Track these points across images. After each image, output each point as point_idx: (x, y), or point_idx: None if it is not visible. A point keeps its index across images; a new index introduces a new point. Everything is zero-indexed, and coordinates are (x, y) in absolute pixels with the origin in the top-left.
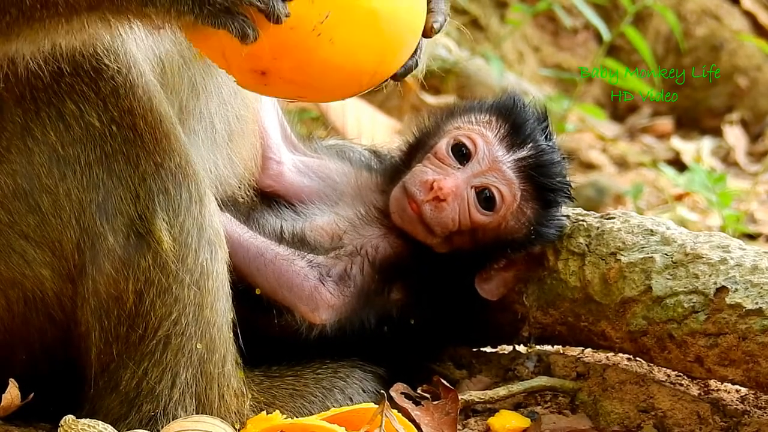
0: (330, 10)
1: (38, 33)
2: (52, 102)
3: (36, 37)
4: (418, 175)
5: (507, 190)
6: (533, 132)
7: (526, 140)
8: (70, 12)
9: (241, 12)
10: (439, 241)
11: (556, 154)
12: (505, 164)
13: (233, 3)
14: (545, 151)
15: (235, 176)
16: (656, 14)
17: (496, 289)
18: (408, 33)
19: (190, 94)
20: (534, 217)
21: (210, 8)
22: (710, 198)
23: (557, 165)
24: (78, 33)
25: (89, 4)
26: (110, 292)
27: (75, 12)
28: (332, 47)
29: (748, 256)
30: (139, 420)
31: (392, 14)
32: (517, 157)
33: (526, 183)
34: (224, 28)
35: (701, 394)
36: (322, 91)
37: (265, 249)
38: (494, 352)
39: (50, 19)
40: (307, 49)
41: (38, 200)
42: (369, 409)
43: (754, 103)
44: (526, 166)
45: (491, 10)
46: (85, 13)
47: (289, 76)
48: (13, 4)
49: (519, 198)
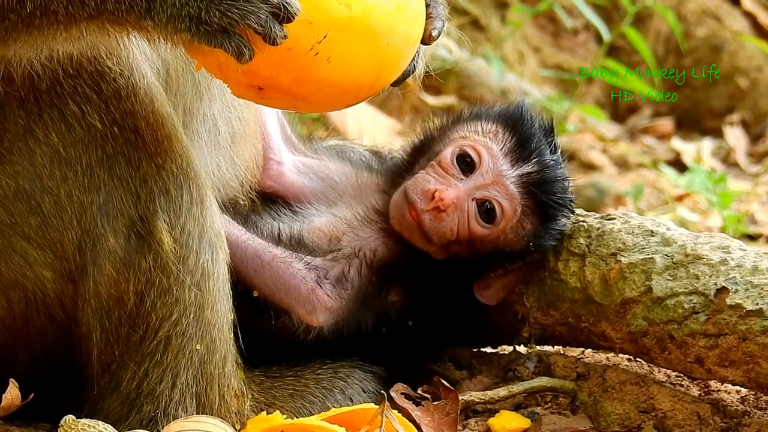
0: (328, 30)
1: (37, 39)
2: (54, 104)
3: (34, 43)
4: (421, 182)
5: (508, 204)
6: (539, 146)
7: (531, 155)
8: (69, 21)
9: (238, 32)
10: (437, 248)
11: (560, 170)
12: (509, 179)
13: (230, 24)
14: (549, 166)
15: (236, 178)
16: (656, 15)
17: (496, 294)
18: (406, 46)
19: (194, 97)
20: (533, 232)
21: (207, 28)
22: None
23: (560, 181)
24: (77, 41)
25: (89, 14)
26: (111, 293)
27: (74, 21)
28: (329, 65)
29: (748, 257)
30: (140, 420)
31: (390, 30)
32: (521, 173)
33: (528, 198)
34: (220, 47)
35: (701, 394)
36: (318, 104)
37: (263, 251)
38: (494, 352)
39: (49, 27)
40: (304, 68)
41: (40, 201)
42: (369, 410)
43: (755, 103)
44: (530, 182)
45: (492, 10)
46: (85, 22)
47: (286, 91)
48: (12, 10)
49: (519, 213)
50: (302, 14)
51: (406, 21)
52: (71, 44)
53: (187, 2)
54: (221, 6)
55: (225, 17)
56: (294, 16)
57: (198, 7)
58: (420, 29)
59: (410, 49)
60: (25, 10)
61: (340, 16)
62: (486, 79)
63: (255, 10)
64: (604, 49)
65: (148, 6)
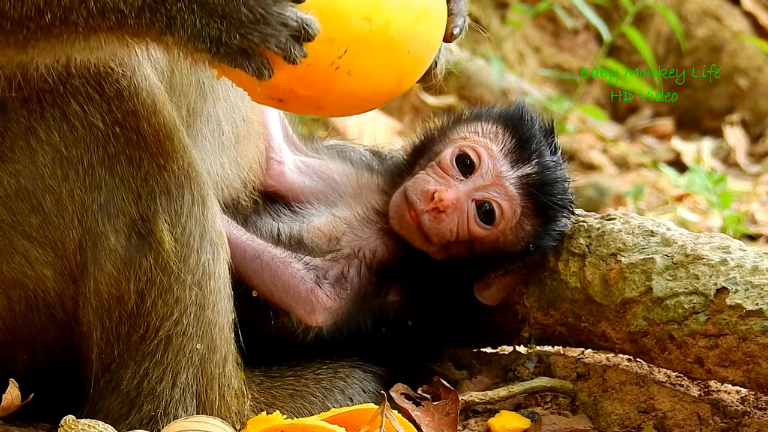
0: (348, 45)
1: (55, 47)
2: (56, 103)
3: (53, 50)
4: (420, 183)
5: (508, 205)
6: (539, 148)
7: (531, 156)
8: (89, 31)
9: (258, 53)
10: (436, 249)
11: (561, 171)
12: (509, 180)
13: (250, 46)
14: (549, 168)
15: (239, 178)
16: (657, 15)
17: (496, 295)
18: (427, 51)
19: (198, 97)
20: (533, 233)
21: (227, 49)
22: (711, 199)
23: (560, 183)
24: (95, 51)
25: (109, 26)
26: (112, 292)
27: (94, 31)
28: (350, 79)
29: (748, 257)
30: (140, 420)
31: (411, 40)
32: (520, 174)
33: (528, 200)
34: (240, 68)
35: (701, 395)
36: (336, 112)
37: (262, 251)
38: (494, 352)
39: (68, 36)
40: (324, 82)
41: (41, 200)
42: (369, 410)
43: (755, 103)
44: (529, 183)
45: (492, 10)
46: (104, 33)
47: (306, 102)
48: (30, 19)
49: (519, 214)
50: (322, 32)
51: (426, 28)
52: (90, 53)
53: (208, 23)
54: (242, 30)
55: (245, 40)
56: (314, 36)
57: (218, 29)
58: (441, 31)
59: (431, 53)
60: (44, 20)
61: (361, 30)
62: (486, 79)
63: (275, 33)
64: (604, 49)
65: (168, 23)
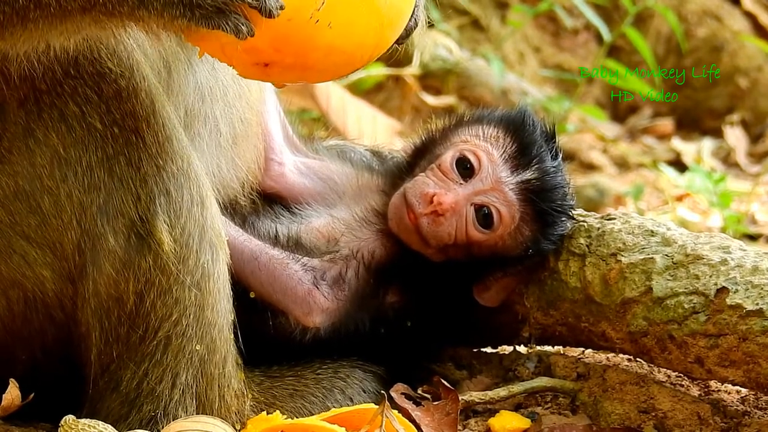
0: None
1: (32, 33)
2: (54, 104)
3: (30, 36)
4: (420, 185)
5: (506, 211)
6: (540, 153)
7: (532, 162)
8: (63, 13)
9: (234, 10)
10: (434, 251)
11: (561, 177)
12: (508, 186)
13: (225, 3)
14: (549, 174)
15: (237, 179)
16: (657, 15)
17: (495, 296)
18: (405, 1)
19: (195, 98)
20: (532, 238)
21: (201, 11)
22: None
23: (560, 188)
24: (73, 34)
25: (82, 6)
26: (111, 292)
27: (68, 13)
28: (332, 32)
29: (748, 257)
30: (140, 420)
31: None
32: (520, 180)
33: (527, 205)
34: (218, 28)
35: (702, 394)
36: (325, 73)
37: (260, 252)
38: (495, 352)
39: (44, 20)
40: (307, 37)
41: (39, 201)
42: (369, 410)
43: (755, 103)
44: (529, 189)
45: (492, 10)
46: (78, 15)
47: (291, 64)
48: (5, 3)
49: (518, 219)
50: None
51: None
52: (68, 38)
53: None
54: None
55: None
56: None
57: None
58: None
59: (408, 5)
60: (18, 3)
61: None
62: (486, 79)
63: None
64: (604, 49)
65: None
